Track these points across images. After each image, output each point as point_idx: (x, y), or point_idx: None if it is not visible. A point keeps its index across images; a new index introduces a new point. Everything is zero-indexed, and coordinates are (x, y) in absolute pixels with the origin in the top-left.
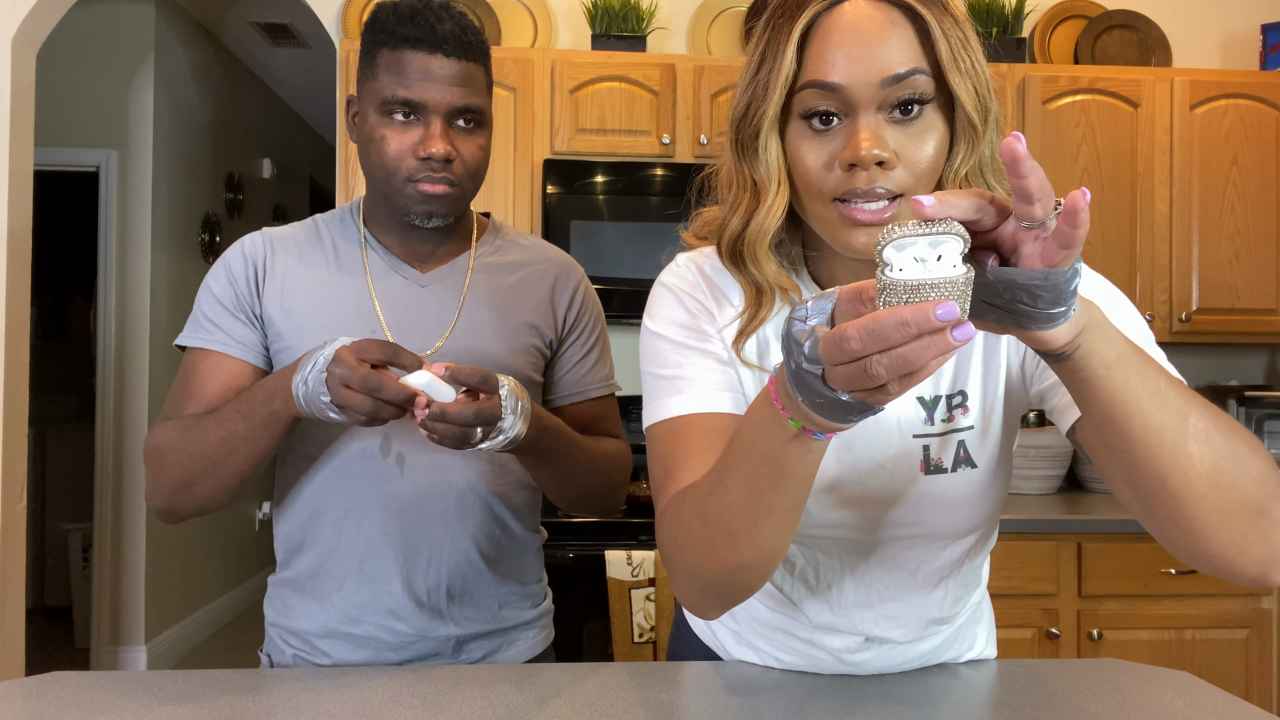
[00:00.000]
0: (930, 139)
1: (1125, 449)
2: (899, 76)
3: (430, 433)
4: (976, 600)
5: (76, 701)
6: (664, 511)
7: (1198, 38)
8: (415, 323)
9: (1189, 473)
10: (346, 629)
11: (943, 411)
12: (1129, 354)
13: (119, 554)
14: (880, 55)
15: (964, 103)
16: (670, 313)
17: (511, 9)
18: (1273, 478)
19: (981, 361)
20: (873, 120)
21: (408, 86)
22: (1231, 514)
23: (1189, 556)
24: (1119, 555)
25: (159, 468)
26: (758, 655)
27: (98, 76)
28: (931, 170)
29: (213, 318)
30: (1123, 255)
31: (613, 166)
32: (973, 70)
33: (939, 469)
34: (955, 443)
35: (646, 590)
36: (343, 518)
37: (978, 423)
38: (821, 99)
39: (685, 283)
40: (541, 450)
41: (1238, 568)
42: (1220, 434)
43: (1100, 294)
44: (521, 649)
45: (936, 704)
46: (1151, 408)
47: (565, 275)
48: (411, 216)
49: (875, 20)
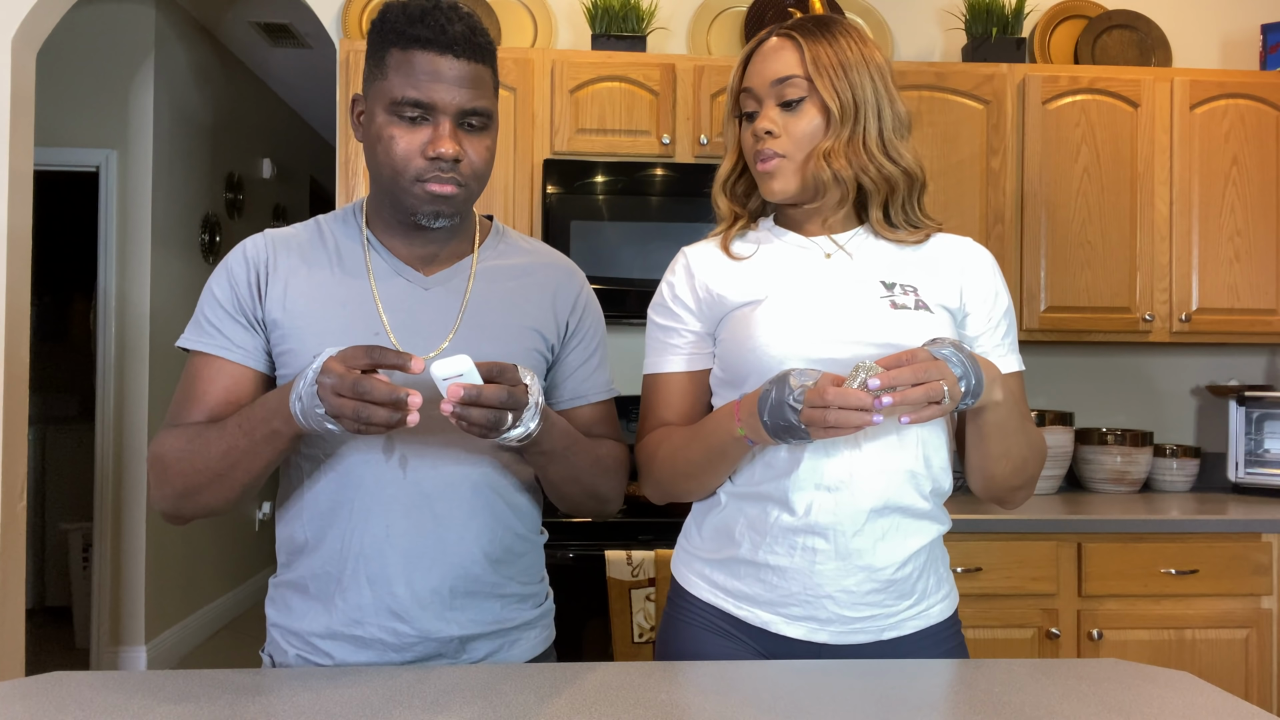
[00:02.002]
0: (802, 121)
1: (976, 446)
2: (780, 80)
3: (462, 419)
4: (946, 528)
5: (76, 701)
6: (648, 440)
7: (1198, 38)
8: (419, 325)
9: (1003, 464)
10: (350, 631)
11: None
12: (1009, 410)
13: (119, 554)
14: (770, 68)
15: (825, 99)
16: (658, 297)
17: (511, 9)
18: (1034, 470)
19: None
20: (768, 109)
21: (418, 87)
22: (1016, 486)
23: (987, 498)
24: (1119, 555)
25: (163, 476)
26: (756, 577)
27: (98, 76)
28: (809, 141)
29: (215, 322)
30: (1123, 255)
31: (613, 166)
32: (834, 78)
33: (903, 308)
34: (913, 300)
35: (646, 590)
36: (347, 520)
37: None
38: (746, 99)
39: (672, 273)
40: (550, 448)
41: (1009, 505)
42: (1022, 449)
43: (979, 278)
44: (524, 649)
45: (936, 704)
46: (999, 437)
47: (567, 280)
48: (419, 217)
49: (773, 46)
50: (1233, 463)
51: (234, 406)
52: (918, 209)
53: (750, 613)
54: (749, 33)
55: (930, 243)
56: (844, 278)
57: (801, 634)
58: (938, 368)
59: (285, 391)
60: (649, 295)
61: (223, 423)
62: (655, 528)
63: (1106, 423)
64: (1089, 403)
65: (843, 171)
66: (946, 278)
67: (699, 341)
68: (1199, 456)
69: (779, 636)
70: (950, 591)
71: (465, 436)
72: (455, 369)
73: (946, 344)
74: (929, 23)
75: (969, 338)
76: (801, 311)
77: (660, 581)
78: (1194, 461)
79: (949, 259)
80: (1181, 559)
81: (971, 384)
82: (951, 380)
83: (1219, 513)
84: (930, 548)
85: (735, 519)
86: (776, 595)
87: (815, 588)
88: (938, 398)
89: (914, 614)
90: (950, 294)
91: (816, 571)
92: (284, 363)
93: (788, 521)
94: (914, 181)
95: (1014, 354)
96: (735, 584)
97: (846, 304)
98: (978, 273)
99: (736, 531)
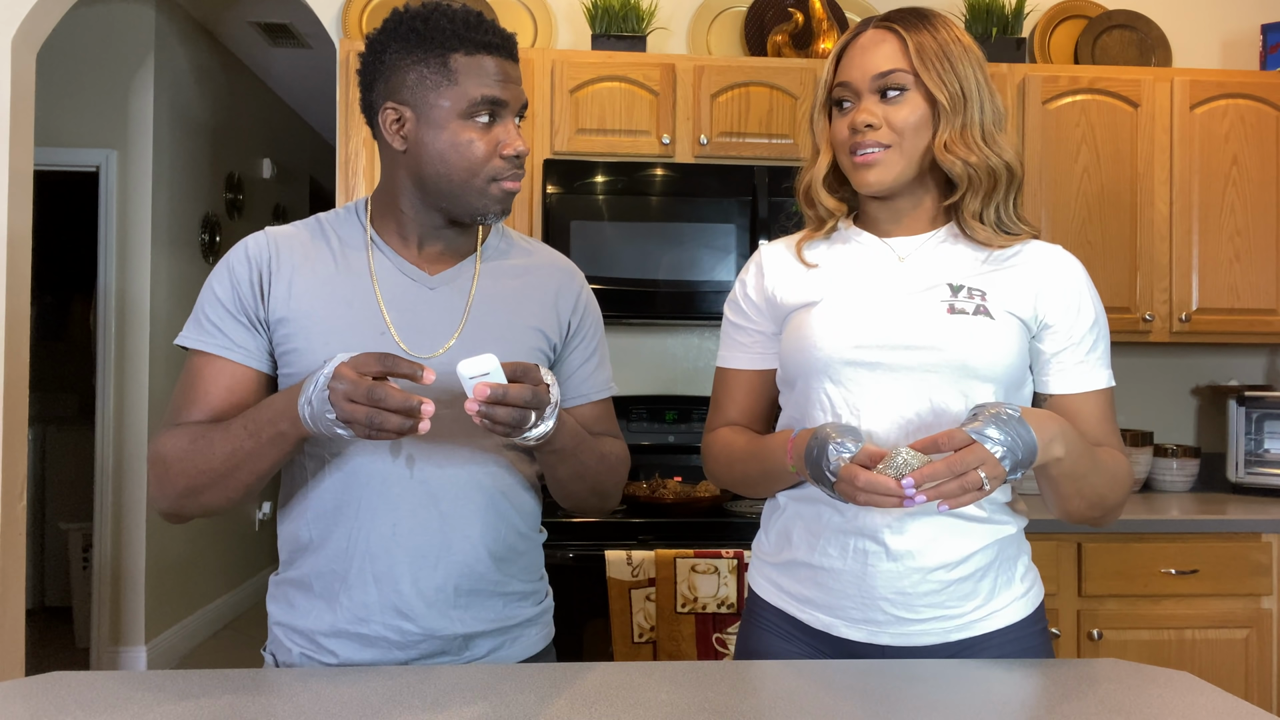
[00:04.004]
0: (904, 111)
1: (1045, 488)
2: (883, 73)
3: (487, 418)
4: (1013, 529)
5: (76, 701)
6: (714, 438)
7: (1198, 38)
8: (423, 325)
9: (1076, 502)
10: (355, 629)
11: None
12: (1075, 459)
13: (119, 554)
14: (872, 61)
15: (932, 89)
16: (732, 293)
17: (511, 9)
18: (1116, 499)
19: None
20: (869, 101)
21: (493, 88)
22: (1095, 517)
23: (1072, 523)
24: (1119, 555)
25: (164, 476)
26: (813, 580)
27: (98, 76)
28: (913, 132)
29: (215, 321)
30: (1123, 255)
31: (613, 166)
32: (941, 69)
33: (960, 312)
34: (975, 305)
35: (646, 590)
36: (352, 518)
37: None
38: (842, 91)
39: (746, 271)
40: (562, 446)
41: (1096, 527)
42: (1097, 487)
43: (1061, 288)
44: (524, 645)
45: (936, 704)
46: (1069, 481)
47: (568, 280)
48: (486, 217)
49: (873, 38)
50: (1233, 463)
51: (236, 407)
52: (1013, 208)
53: (812, 615)
54: (749, 33)
55: (1017, 250)
56: (911, 280)
57: (862, 637)
58: (976, 455)
59: (293, 394)
60: (649, 295)
61: (227, 423)
62: (655, 528)
63: None
64: None
65: (968, 159)
66: (1022, 284)
67: (766, 341)
68: (1199, 456)
69: (841, 640)
70: (1030, 589)
71: (472, 436)
72: (481, 368)
73: (988, 415)
74: None
75: (1047, 352)
76: (854, 313)
77: (660, 582)
78: (1194, 461)
79: (1030, 265)
80: (1181, 559)
81: (1018, 457)
82: (991, 464)
83: (1219, 513)
84: (997, 547)
85: (794, 522)
86: (833, 598)
87: (869, 590)
88: (975, 487)
89: (984, 614)
90: (1023, 302)
91: (869, 573)
92: (288, 362)
93: (838, 522)
94: (1014, 176)
95: (1103, 369)
96: (796, 586)
97: (902, 307)
98: (1061, 282)
99: (795, 534)
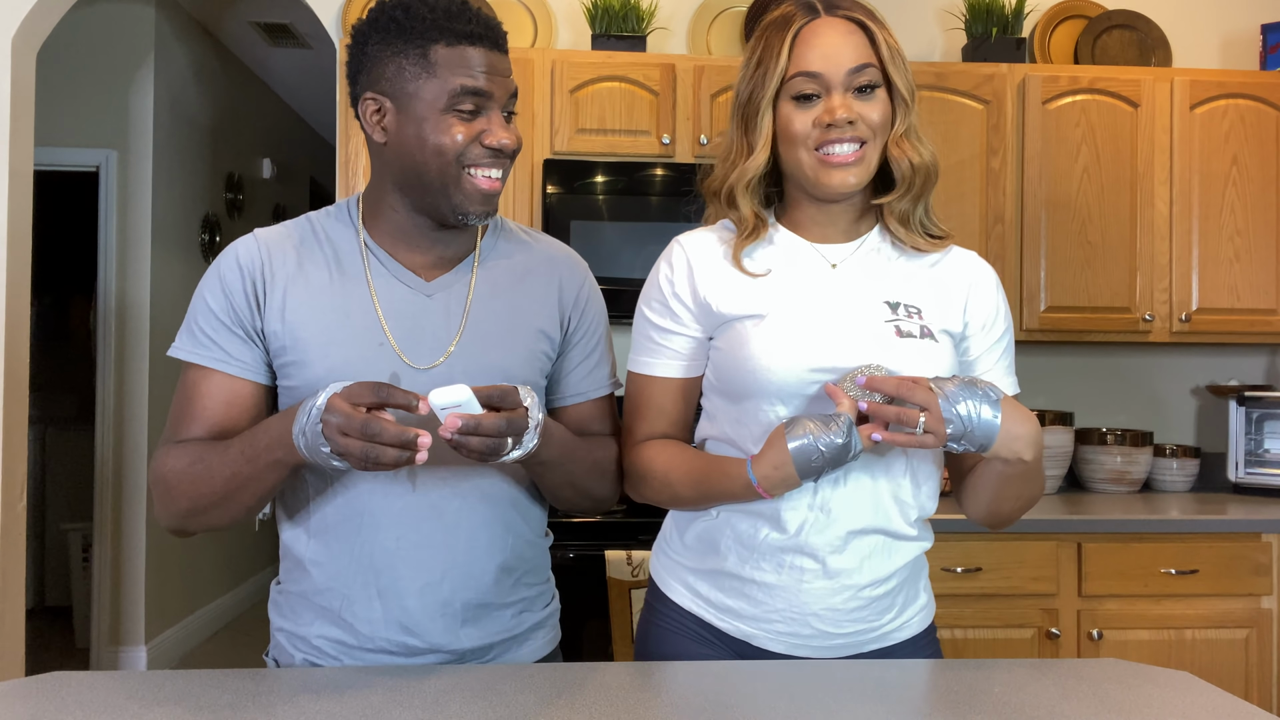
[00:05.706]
0: (878, 109)
1: (988, 487)
2: (859, 68)
3: (460, 448)
4: (928, 545)
5: (76, 701)
6: (642, 454)
7: (1198, 38)
8: (422, 334)
9: (1012, 504)
10: (360, 644)
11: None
12: (1033, 467)
13: (119, 554)
14: (845, 53)
15: (899, 87)
16: (654, 289)
17: (511, 9)
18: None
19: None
20: (842, 96)
21: (477, 79)
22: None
23: (982, 524)
24: (1119, 555)
25: (167, 496)
26: (741, 592)
27: (98, 76)
28: (882, 131)
29: (210, 332)
30: (1123, 255)
31: (613, 166)
32: (902, 67)
33: (909, 335)
34: (919, 326)
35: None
36: (356, 533)
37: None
38: (807, 83)
39: (670, 268)
40: (547, 458)
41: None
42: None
43: (983, 299)
44: (532, 649)
45: (936, 704)
46: (1019, 484)
47: (570, 273)
48: (469, 217)
49: (839, 29)
50: (1233, 463)
51: (235, 421)
52: (930, 210)
53: (732, 625)
54: (749, 33)
55: (938, 258)
56: (848, 294)
57: (783, 649)
58: (924, 396)
59: (288, 421)
60: None
61: (225, 446)
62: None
63: (1106, 423)
64: (1089, 403)
65: (913, 159)
66: (950, 297)
67: (697, 346)
68: (1199, 456)
69: (759, 650)
70: (929, 602)
71: None
72: (454, 398)
73: (966, 382)
74: (929, 22)
75: (966, 361)
76: (803, 333)
77: None
78: (1194, 461)
79: (954, 276)
80: (1181, 559)
81: (967, 429)
82: (935, 418)
83: (1219, 513)
84: (913, 564)
85: (722, 531)
86: (761, 611)
87: (801, 606)
88: (910, 424)
89: (895, 626)
90: (953, 317)
91: (804, 590)
92: (287, 374)
93: (776, 540)
94: (936, 178)
95: (1010, 376)
96: (719, 596)
97: (850, 328)
98: (982, 293)
99: (723, 545)
